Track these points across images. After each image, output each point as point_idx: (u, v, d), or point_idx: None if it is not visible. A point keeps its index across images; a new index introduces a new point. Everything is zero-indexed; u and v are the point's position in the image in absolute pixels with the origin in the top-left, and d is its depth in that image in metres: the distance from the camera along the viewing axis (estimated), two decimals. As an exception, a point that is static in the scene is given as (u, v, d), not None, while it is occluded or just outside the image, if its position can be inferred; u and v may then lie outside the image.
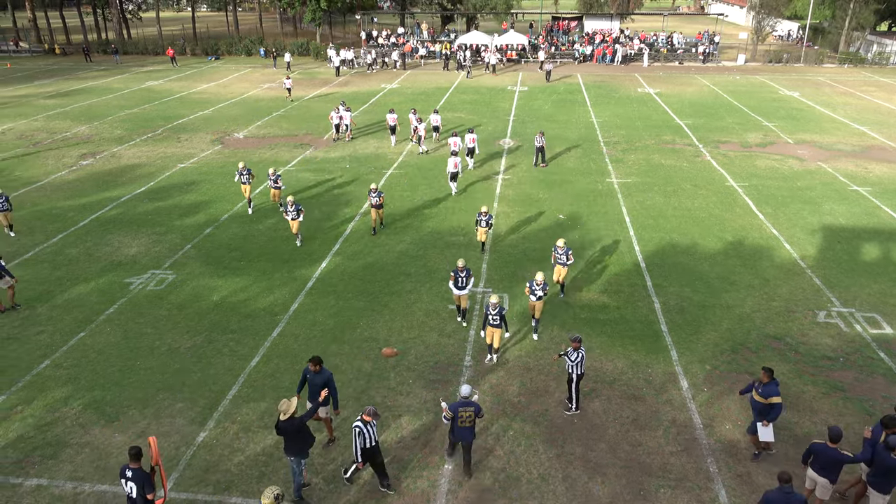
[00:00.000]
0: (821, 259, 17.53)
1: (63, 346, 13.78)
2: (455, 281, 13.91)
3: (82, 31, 68.74)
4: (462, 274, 13.81)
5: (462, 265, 13.80)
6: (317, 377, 10.26)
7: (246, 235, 19.32)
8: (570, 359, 11.25)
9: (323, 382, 10.24)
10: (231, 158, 27.00)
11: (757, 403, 10.23)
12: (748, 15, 71.50)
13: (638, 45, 55.34)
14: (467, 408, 9.91)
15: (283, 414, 9.22)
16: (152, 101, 38.89)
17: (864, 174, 24.55)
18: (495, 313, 12.43)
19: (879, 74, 48.47)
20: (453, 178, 22.17)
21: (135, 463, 8.37)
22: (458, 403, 9.96)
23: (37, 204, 21.96)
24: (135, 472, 8.37)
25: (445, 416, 9.88)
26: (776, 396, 10.06)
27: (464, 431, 9.97)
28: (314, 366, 10.22)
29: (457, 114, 34.47)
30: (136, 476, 8.36)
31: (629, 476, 10.25)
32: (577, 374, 11.31)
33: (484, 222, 17.29)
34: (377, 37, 56.93)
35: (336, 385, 10.62)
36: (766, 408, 10.12)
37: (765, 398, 10.08)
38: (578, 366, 11.22)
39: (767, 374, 10.16)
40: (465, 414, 9.88)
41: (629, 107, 36.54)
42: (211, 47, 60.08)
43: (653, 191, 22.73)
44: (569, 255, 15.05)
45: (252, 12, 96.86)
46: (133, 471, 8.38)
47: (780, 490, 8.15)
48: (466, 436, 10.01)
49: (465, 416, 9.89)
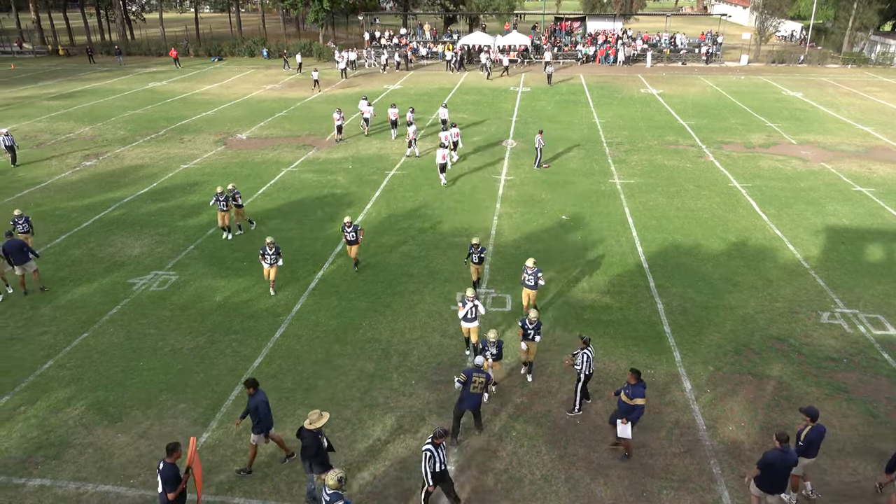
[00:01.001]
0: (824, 260, 17.49)
1: (66, 346, 13.80)
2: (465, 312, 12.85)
3: (86, 33, 68.92)
4: (470, 303, 12.74)
5: (471, 295, 12.76)
6: (250, 400, 9.87)
7: (248, 236, 19.33)
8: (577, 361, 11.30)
9: (253, 407, 9.83)
10: (234, 159, 27.05)
11: (623, 404, 10.30)
12: (751, 15, 71.37)
13: (641, 46, 55.31)
14: (480, 374, 10.51)
15: (309, 423, 9.14)
16: (155, 102, 38.97)
17: (867, 175, 24.49)
18: (494, 348, 11.65)
19: (883, 75, 48.34)
20: (442, 169, 23.28)
21: (169, 458, 8.41)
22: (472, 369, 10.59)
23: (40, 205, 22.02)
24: (163, 468, 8.41)
25: (459, 378, 10.43)
26: (641, 398, 10.07)
27: (473, 397, 10.54)
28: (247, 388, 9.91)
29: (460, 114, 34.44)
30: (162, 471, 8.41)
31: (632, 477, 10.23)
32: (584, 375, 11.33)
33: (476, 257, 15.14)
34: (380, 38, 56.99)
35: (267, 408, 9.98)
36: (630, 408, 10.18)
37: (630, 399, 10.15)
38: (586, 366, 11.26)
39: (634, 375, 10.16)
40: (479, 380, 10.48)
41: (632, 107, 36.50)
42: (214, 48, 60.17)
43: (656, 192, 22.70)
44: (539, 276, 13.77)
45: (255, 13, 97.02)
46: (163, 466, 8.42)
47: (778, 450, 8.76)
48: (475, 401, 10.58)
49: (478, 381, 10.48)
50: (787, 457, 8.77)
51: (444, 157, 23.16)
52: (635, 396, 10.10)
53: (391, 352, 13.51)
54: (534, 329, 12.09)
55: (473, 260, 15.17)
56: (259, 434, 10.03)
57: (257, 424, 9.91)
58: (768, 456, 8.82)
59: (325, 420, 9.23)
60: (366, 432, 11.23)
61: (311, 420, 9.15)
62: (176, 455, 8.50)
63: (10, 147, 26.14)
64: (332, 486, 7.87)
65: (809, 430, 9.38)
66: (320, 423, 9.14)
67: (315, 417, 9.17)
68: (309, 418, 9.18)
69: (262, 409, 9.89)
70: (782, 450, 8.75)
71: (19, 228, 17.35)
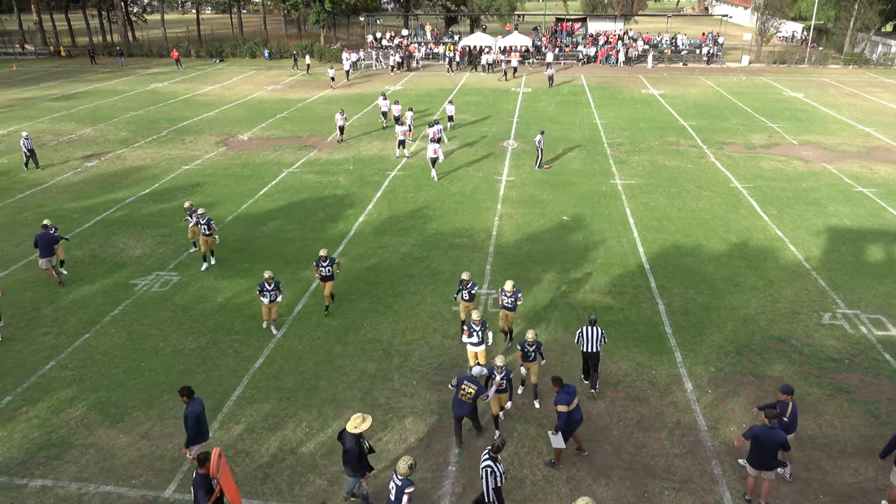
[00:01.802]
0: (826, 260, 17.48)
1: (68, 347, 13.82)
2: (470, 334, 12.08)
3: (87, 34, 69.03)
4: (477, 327, 11.94)
5: (477, 318, 11.96)
6: (185, 408, 9.61)
7: (250, 237, 19.35)
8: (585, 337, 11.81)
9: (183, 416, 9.58)
10: (235, 160, 27.08)
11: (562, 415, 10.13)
12: (752, 16, 71.35)
13: (642, 47, 55.31)
14: (471, 384, 10.07)
15: (354, 427, 9.06)
16: (157, 103, 39.03)
17: (869, 175, 24.47)
18: (502, 377, 10.62)
19: (884, 75, 48.31)
20: (433, 162, 23.97)
21: (201, 469, 8.32)
22: (464, 376, 10.28)
23: (42, 205, 22.06)
24: (195, 478, 8.33)
25: (452, 382, 10.36)
26: (562, 406, 9.94)
27: (463, 405, 10.21)
28: (181, 396, 9.62)
29: (461, 115, 34.44)
30: (195, 481, 8.33)
31: (633, 478, 10.22)
32: (590, 352, 11.81)
33: (466, 293, 13.50)
34: (381, 38, 57.03)
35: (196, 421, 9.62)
36: (563, 417, 10.01)
37: (554, 405, 10.12)
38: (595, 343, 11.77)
39: (556, 383, 10.11)
40: (467, 389, 10.05)
41: (633, 108, 36.50)
42: (215, 49, 60.25)
43: (657, 192, 22.70)
44: (518, 297, 12.95)
45: (256, 14, 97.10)
46: (195, 476, 8.34)
47: (764, 426, 9.07)
48: (465, 409, 10.24)
49: (466, 391, 10.06)
50: (773, 433, 9.02)
51: (436, 152, 23.80)
52: (558, 403, 10.00)
53: (392, 352, 13.52)
54: (534, 350, 11.47)
55: (464, 297, 13.56)
56: (188, 448, 9.75)
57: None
58: (754, 429, 9.20)
59: (368, 424, 9.13)
60: (367, 433, 11.22)
61: (354, 424, 9.06)
62: (207, 466, 8.36)
63: (30, 150, 25.78)
64: (403, 473, 8.23)
65: (793, 406, 9.74)
66: (364, 426, 9.07)
67: (359, 422, 9.08)
68: (352, 422, 9.08)
69: (189, 420, 9.52)
70: (770, 426, 9.02)
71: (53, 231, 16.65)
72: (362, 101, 38.85)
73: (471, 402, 10.19)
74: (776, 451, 9.14)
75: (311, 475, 10.32)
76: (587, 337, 11.77)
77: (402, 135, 26.79)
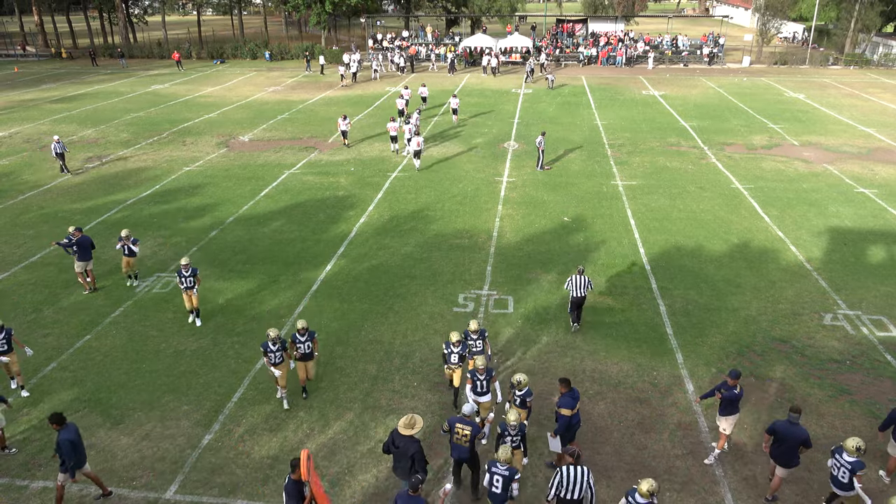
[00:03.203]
0: (827, 261, 17.46)
1: (69, 348, 13.83)
2: (473, 384, 10.68)
3: (89, 36, 69.10)
4: (481, 376, 10.52)
5: (482, 366, 10.51)
6: (57, 437, 9.18)
7: (251, 238, 19.37)
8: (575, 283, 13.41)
9: (56, 444, 9.18)
10: (236, 161, 27.10)
11: (556, 414, 10.05)
12: (753, 17, 71.33)
13: (643, 48, 55.31)
14: (465, 426, 9.16)
15: (405, 427, 8.87)
16: (158, 105, 39.07)
17: (870, 176, 24.46)
18: (515, 433, 9.35)
19: (885, 76, 48.29)
20: (417, 154, 25.25)
21: (293, 474, 8.22)
22: (455, 418, 9.32)
23: (43, 207, 22.08)
24: (287, 483, 8.25)
25: (443, 427, 9.39)
26: (567, 409, 9.80)
27: (459, 448, 9.35)
28: (52, 424, 9.23)
29: (461, 116, 34.50)
30: (286, 486, 8.24)
31: (634, 479, 10.20)
32: (577, 296, 13.56)
33: (456, 356, 11.35)
34: (381, 40, 57.04)
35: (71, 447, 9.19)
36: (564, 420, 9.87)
37: (557, 408, 9.96)
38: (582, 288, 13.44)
39: (564, 384, 9.91)
40: (462, 431, 9.15)
41: (634, 109, 36.50)
42: (216, 51, 60.33)
43: (658, 193, 22.69)
44: (485, 338, 11.67)
45: (257, 16, 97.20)
46: (287, 481, 8.26)
47: (786, 422, 9.32)
48: (461, 452, 9.37)
49: (461, 433, 9.15)
50: (793, 429, 9.20)
51: (420, 144, 25.18)
52: (561, 406, 9.82)
53: (393, 354, 13.52)
54: (517, 432, 9.33)
55: (451, 360, 11.39)
56: (64, 473, 9.36)
57: (62, 464, 9.26)
58: (775, 423, 9.43)
59: (420, 423, 8.94)
60: (368, 434, 11.23)
61: (406, 424, 8.91)
62: (298, 471, 8.22)
63: (60, 154, 25.19)
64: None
65: (740, 390, 10.12)
66: (416, 427, 8.89)
67: (410, 421, 8.92)
68: (403, 422, 8.94)
69: (64, 447, 9.15)
70: (790, 420, 9.25)
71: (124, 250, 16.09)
72: (363, 103, 38.88)
73: (468, 445, 9.20)
74: (797, 447, 9.24)
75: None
76: (576, 284, 13.77)
77: (394, 131, 27.53)
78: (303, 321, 11.60)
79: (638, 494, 7.81)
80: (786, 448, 9.27)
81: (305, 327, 11.56)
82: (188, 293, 14.45)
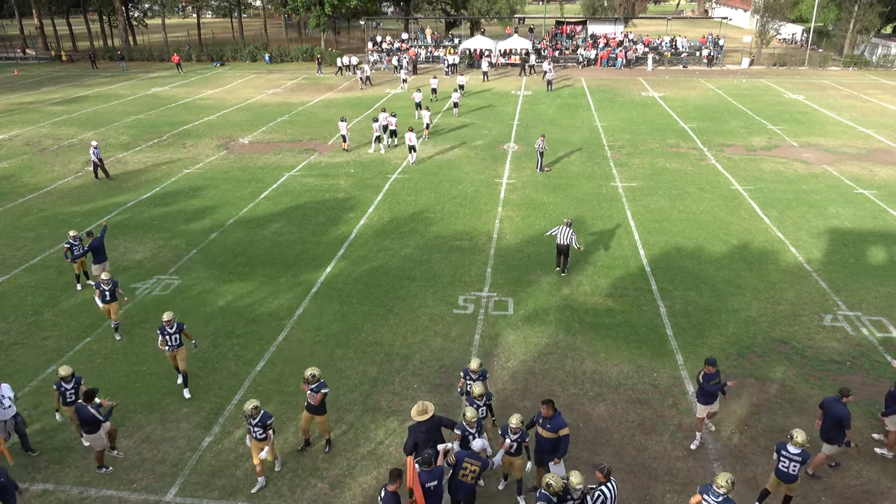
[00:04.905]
0: (827, 262, 17.47)
1: (69, 350, 13.83)
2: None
3: (88, 38, 69.21)
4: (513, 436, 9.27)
5: (516, 425, 9.24)
6: None
7: (251, 240, 19.37)
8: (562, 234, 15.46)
9: None
10: (236, 164, 27.11)
11: (545, 440, 9.29)
12: (752, 18, 71.44)
13: (642, 49, 55.37)
14: (474, 461, 8.54)
15: (420, 414, 9.14)
16: (158, 108, 39.10)
17: (869, 177, 24.47)
18: (516, 438, 9.22)
19: (884, 77, 48.34)
20: (412, 150, 26.22)
21: (391, 485, 8.04)
22: (465, 453, 8.68)
23: (43, 210, 22.09)
24: (384, 496, 8.12)
25: (449, 460, 8.74)
26: (565, 428, 9.22)
27: (463, 486, 8.62)
28: None
29: (460, 118, 34.54)
30: (384, 499, 8.11)
31: (635, 481, 10.21)
32: (562, 244, 15.48)
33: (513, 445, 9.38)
34: (381, 42, 57.07)
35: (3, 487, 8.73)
36: (556, 442, 9.25)
37: (554, 432, 9.20)
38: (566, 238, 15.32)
39: (550, 406, 9.22)
40: (471, 468, 8.55)
41: (633, 111, 36.53)
42: (216, 53, 60.40)
43: (657, 195, 22.70)
44: (485, 376, 10.80)
45: (257, 18, 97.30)
46: (384, 493, 8.13)
47: (834, 398, 9.93)
48: (466, 490, 8.63)
49: (469, 469, 8.56)
50: (836, 406, 9.74)
51: (411, 140, 25.93)
52: (559, 428, 9.18)
53: (393, 355, 13.52)
54: (518, 437, 9.13)
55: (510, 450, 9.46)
56: None
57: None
58: (825, 398, 10.08)
59: (432, 408, 9.27)
60: (368, 436, 11.22)
61: (420, 411, 9.21)
62: (398, 483, 8.04)
63: (99, 160, 24.67)
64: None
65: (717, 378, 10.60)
66: (431, 410, 9.23)
67: (421, 408, 9.23)
68: (416, 410, 9.21)
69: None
70: (836, 398, 9.86)
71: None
72: (363, 105, 38.90)
73: (473, 482, 8.66)
74: (836, 424, 9.65)
75: (313, 479, 10.32)
76: (562, 234, 15.96)
77: (378, 130, 28.15)
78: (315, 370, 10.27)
79: (715, 486, 7.99)
80: (828, 424, 9.79)
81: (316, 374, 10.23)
82: (173, 354, 12.17)
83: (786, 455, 9.01)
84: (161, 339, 11.98)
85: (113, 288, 13.90)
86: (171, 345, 12.02)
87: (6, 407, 10.39)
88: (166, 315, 11.93)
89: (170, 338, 11.95)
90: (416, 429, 9.22)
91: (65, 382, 10.75)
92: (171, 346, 12.02)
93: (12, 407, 10.49)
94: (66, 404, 10.86)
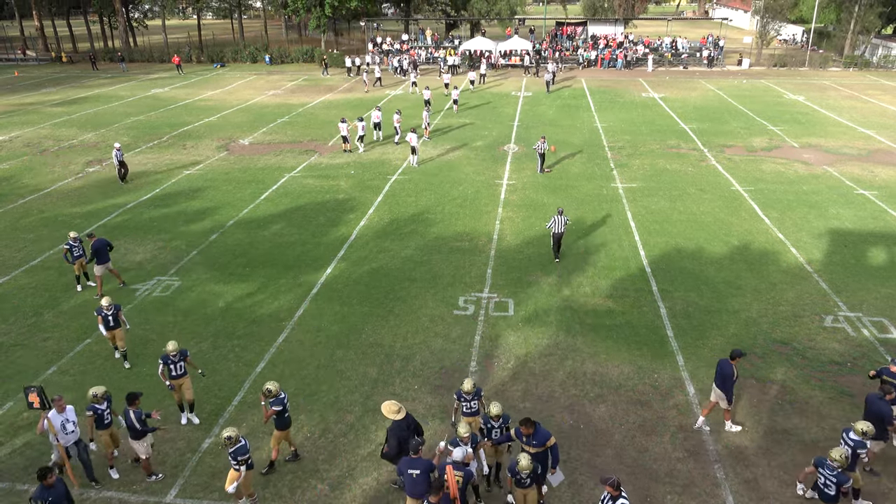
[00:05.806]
0: (827, 263, 17.45)
1: (69, 352, 13.82)
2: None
3: (89, 40, 69.26)
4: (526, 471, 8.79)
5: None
6: None
7: (251, 241, 19.37)
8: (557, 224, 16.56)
9: None
10: (236, 165, 27.11)
11: (536, 457, 9.06)
12: (753, 19, 71.44)
13: (642, 50, 55.39)
14: (456, 471, 8.38)
15: (395, 414, 9.26)
16: (158, 109, 39.11)
17: (870, 178, 24.46)
18: (498, 425, 9.43)
19: (885, 78, 48.34)
20: (414, 150, 26.17)
21: (433, 497, 7.91)
22: (446, 462, 8.53)
23: (43, 211, 22.10)
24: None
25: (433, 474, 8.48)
26: (552, 438, 9.14)
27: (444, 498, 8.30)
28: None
29: (461, 119, 34.54)
30: None
31: (635, 482, 10.19)
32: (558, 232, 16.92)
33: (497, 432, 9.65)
34: (381, 43, 57.08)
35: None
36: (544, 454, 9.14)
37: (541, 446, 9.09)
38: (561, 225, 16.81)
39: (530, 425, 9.01)
40: (452, 479, 8.37)
41: (634, 112, 36.53)
42: (216, 55, 60.44)
43: (658, 195, 22.70)
44: (481, 396, 10.38)
45: (257, 20, 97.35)
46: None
47: (876, 394, 10.10)
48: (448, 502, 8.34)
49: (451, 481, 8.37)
50: (877, 402, 9.88)
51: (412, 140, 25.86)
52: (545, 440, 9.08)
53: (394, 356, 13.51)
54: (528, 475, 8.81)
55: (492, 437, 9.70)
56: None
57: None
58: (868, 394, 10.21)
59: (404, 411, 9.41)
60: (368, 437, 11.21)
61: (394, 410, 9.32)
62: (439, 495, 7.95)
63: (121, 162, 24.38)
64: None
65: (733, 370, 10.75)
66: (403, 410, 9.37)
67: (395, 407, 9.35)
68: (391, 409, 9.33)
69: None
70: (878, 395, 9.99)
71: None
72: (363, 106, 38.90)
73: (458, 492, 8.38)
74: (877, 419, 9.73)
75: (313, 480, 10.31)
76: (556, 223, 17.18)
77: (362, 130, 28.49)
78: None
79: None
80: (870, 419, 9.81)
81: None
82: (178, 383, 11.35)
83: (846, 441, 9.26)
84: (162, 369, 11.16)
85: (115, 312, 12.92)
86: (177, 374, 11.27)
87: (69, 432, 9.79)
88: (170, 345, 11.14)
89: (174, 367, 11.21)
90: (397, 427, 9.12)
91: (97, 403, 9.93)
92: (175, 374, 11.25)
93: (75, 432, 9.90)
94: (104, 427, 10.08)
